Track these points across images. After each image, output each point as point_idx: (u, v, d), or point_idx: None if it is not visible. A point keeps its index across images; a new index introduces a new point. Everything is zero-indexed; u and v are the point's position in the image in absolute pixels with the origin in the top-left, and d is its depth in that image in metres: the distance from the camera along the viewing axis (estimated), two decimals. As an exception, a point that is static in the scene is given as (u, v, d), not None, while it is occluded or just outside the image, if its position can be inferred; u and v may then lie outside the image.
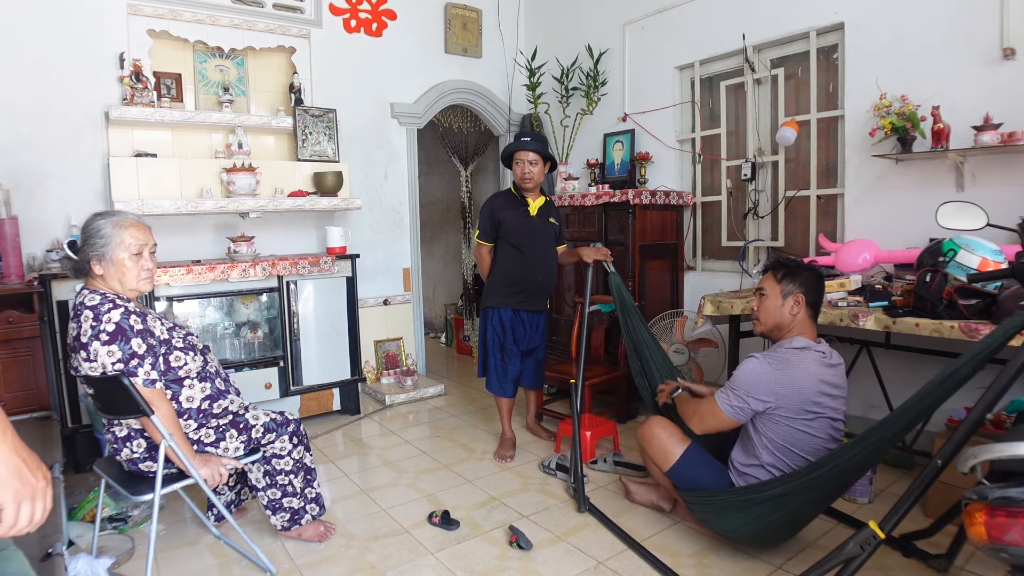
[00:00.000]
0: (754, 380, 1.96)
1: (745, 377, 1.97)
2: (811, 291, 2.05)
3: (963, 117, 2.64)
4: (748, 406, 1.97)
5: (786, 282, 2.06)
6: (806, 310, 2.05)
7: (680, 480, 2.16)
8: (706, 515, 2.11)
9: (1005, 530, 1.20)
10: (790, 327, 2.06)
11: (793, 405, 1.93)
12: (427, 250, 6.39)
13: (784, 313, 2.06)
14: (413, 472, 3.03)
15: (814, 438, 1.96)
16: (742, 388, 1.98)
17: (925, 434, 2.72)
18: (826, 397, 1.95)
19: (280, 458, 2.27)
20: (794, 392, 1.92)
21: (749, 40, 3.54)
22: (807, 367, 1.93)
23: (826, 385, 1.95)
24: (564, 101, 4.64)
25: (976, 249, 2.28)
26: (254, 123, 3.82)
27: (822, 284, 2.10)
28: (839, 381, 2.00)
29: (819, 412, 1.95)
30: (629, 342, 2.62)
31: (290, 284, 3.61)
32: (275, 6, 4.00)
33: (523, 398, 3.61)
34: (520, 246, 3.08)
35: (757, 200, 3.63)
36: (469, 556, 2.25)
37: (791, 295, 2.05)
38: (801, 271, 2.07)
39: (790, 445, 1.96)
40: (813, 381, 1.93)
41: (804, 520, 2.05)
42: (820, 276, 2.10)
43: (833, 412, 1.98)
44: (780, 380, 1.93)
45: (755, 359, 1.99)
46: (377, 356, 4.49)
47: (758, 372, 1.96)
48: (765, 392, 1.94)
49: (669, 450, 2.18)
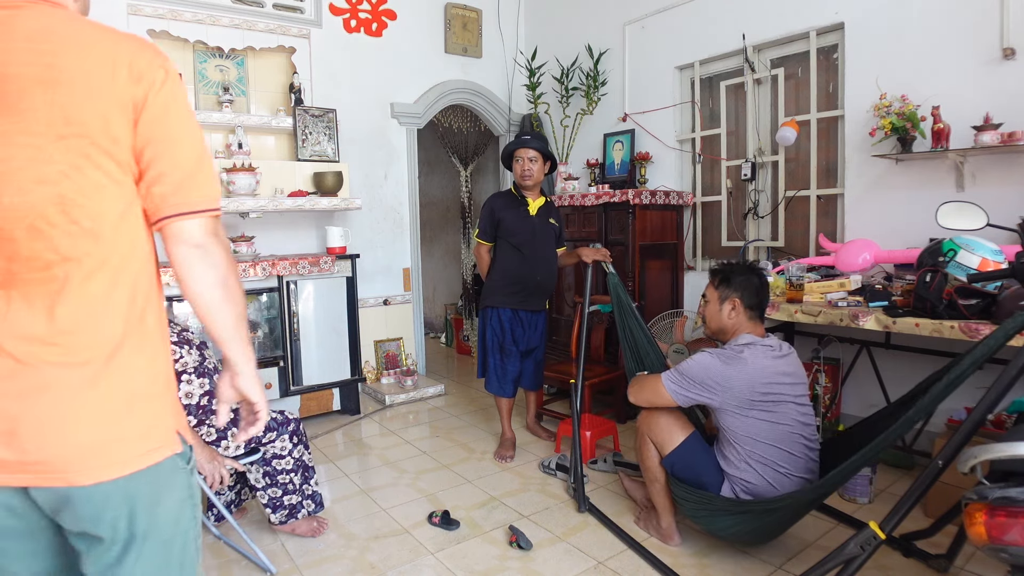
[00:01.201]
0: (702, 371, 2.03)
1: (694, 367, 2.06)
2: (747, 294, 2.12)
3: (963, 117, 2.64)
4: (690, 394, 2.06)
5: (722, 288, 2.15)
6: (745, 312, 2.12)
7: (678, 468, 2.16)
8: (696, 513, 2.13)
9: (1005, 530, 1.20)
10: (733, 330, 2.14)
11: (741, 397, 1.99)
12: (427, 250, 6.39)
13: (723, 317, 2.15)
14: (413, 472, 3.03)
15: (778, 425, 2.01)
16: (688, 376, 2.06)
17: (925, 434, 2.72)
18: (779, 385, 2.01)
19: (281, 458, 2.27)
20: (741, 384, 1.98)
21: (749, 40, 3.54)
22: (755, 361, 2.00)
23: (777, 375, 2.01)
24: (564, 101, 4.65)
25: (976, 249, 2.28)
26: (254, 123, 3.82)
27: (762, 285, 2.14)
28: (791, 369, 2.06)
29: (777, 399, 2.00)
30: (625, 344, 2.62)
31: (290, 284, 3.61)
32: (275, 6, 4.00)
33: (523, 398, 3.61)
34: (519, 246, 3.08)
35: (757, 200, 3.63)
36: (469, 556, 2.25)
37: (727, 300, 2.14)
38: (736, 276, 2.14)
39: (753, 436, 2.02)
40: (761, 373, 1.99)
41: (794, 523, 2.08)
42: (760, 277, 2.15)
43: (794, 398, 2.04)
44: (725, 374, 2.00)
45: (707, 353, 2.07)
46: (377, 356, 4.49)
47: (706, 364, 2.03)
48: (711, 383, 2.01)
49: (672, 433, 2.18)
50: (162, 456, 0.97)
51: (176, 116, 0.96)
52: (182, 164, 0.96)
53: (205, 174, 0.99)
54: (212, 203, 0.98)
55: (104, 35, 0.93)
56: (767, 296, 2.18)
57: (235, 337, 1.02)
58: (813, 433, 2.07)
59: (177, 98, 0.96)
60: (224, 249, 1.00)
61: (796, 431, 2.02)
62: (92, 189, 0.90)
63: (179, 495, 1.00)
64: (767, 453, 2.01)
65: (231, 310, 1.00)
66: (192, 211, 0.96)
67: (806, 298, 2.64)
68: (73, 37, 0.90)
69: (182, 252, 0.96)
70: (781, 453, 2.01)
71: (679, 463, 2.16)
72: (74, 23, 0.93)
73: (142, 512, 0.95)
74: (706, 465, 2.13)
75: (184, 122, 0.97)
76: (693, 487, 2.12)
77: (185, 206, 0.96)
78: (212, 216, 0.98)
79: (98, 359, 0.91)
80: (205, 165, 0.99)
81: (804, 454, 2.03)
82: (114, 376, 0.92)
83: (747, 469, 2.03)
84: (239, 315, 1.02)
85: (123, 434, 0.93)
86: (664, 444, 2.19)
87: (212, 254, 0.97)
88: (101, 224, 0.91)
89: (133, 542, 0.94)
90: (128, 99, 0.90)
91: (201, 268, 0.97)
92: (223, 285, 0.99)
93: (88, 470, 0.90)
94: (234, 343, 1.02)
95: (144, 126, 0.92)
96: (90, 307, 0.91)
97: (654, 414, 2.24)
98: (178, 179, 0.95)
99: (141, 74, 0.91)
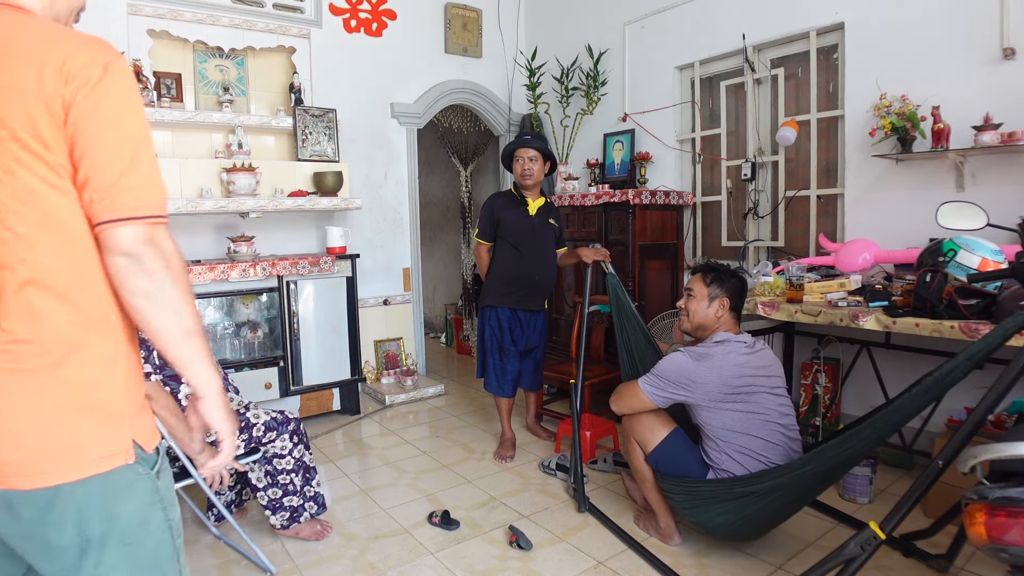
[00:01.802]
0: (675, 369, 2.08)
1: (668, 367, 2.11)
2: (735, 296, 2.20)
3: (963, 117, 2.64)
4: (667, 393, 2.11)
5: (714, 286, 2.20)
6: (730, 312, 2.19)
7: (662, 464, 2.18)
8: (685, 504, 2.14)
9: (1005, 530, 1.20)
10: (714, 327, 2.20)
11: (715, 391, 2.04)
12: (427, 250, 6.39)
13: (709, 315, 2.20)
14: (413, 472, 3.03)
15: (754, 415, 2.05)
16: (663, 376, 2.12)
17: (925, 434, 2.72)
18: (753, 377, 2.06)
19: (281, 458, 2.27)
20: (714, 379, 2.03)
21: (749, 40, 3.54)
22: (727, 357, 2.06)
23: (749, 368, 2.07)
24: (564, 101, 4.64)
25: (976, 249, 2.28)
26: (254, 123, 3.82)
27: (745, 290, 2.26)
28: (764, 362, 2.12)
29: (750, 390, 2.05)
30: (621, 346, 2.63)
31: (290, 284, 3.61)
32: (275, 6, 4.00)
33: (523, 398, 3.61)
34: (518, 245, 3.08)
35: (757, 200, 3.63)
36: (469, 556, 2.25)
37: (717, 299, 2.19)
38: (729, 278, 2.21)
39: (729, 427, 2.05)
40: (732, 367, 2.05)
41: (783, 515, 2.09)
42: (744, 283, 2.25)
43: (770, 389, 2.08)
44: (698, 370, 2.05)
45: (680, 352, 2.12)
46: (377, 356, 4.49)
47: (679, 362, 2.09)
48: (685, 380, 2.06)
49: (654, 430, 2.20)
50: (113, 465, 0.93)
51: (107, 114, 0.89)
52: (110, 166, 0.88)
53: (139, 177, 0.90)
54: (147, 209, 0.90)
55: (43, 36, 0.89)
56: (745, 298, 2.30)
57: (187, 357, 0.95)
58: (792, 423, 2.12)
59: (112, 95, 0.89)
60: (164, 259, 0.91)
61: (773, 419, 2.06)
62: (26, 194, 0.86)
63: (143, 500, 0.97)
64: (745, 443, 2.05)
65: (173, 325, 0.92)
66: (121, 218, 0.88)
67: (806, 298, 2.64)
68: (9, 40, 0.88)
69: (112, 262, 0.90)
70: (759, 442, 2.04)
71: (663, 459, 2.18)
72: (17, 25, 0.90)
73: (94, 517, 0.92)
74: (690, 460, 2.15)
75: (116, 120, 0.90)
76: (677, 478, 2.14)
77: (113, 212, 0.88)
78: (148, 223, 0.90)
79: (44, 368, 0.89)
80: (140, 167, 0.91)
81: (783, 442, 2.07)
82: (61, 385, 0.90)
83: (728, 460, 2.06)
84: (186, 331, 0.94)
85: (70, 442, 0.90)
86: (647, 442, 2.21)
87: (146, 264, 0.90)
88: (37, 230, 0.87)
89: (89, 547, 0.92)
90: (57, 100, 0.86)
91: (132, 280, 0.90)
92: (159, 299, 0.91)
93: (29, 475, 0.88)
94: (188, 364, 0.95)
95: (71, 127, 0.87)
96: (30, 315, 0.88)
97: (636, 414, 2.26)
98: (106, 183, 0.88)
99: (73, 73, 0.87)
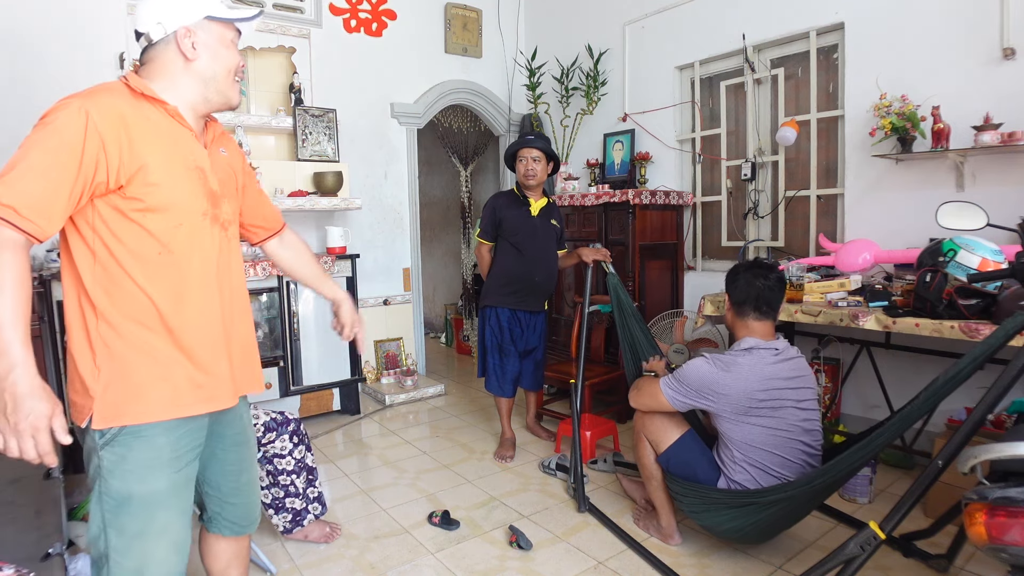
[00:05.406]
0: (699, 378, 2.04)
1: (691, 373, 2.06)
2: (735, 292, 2.13)
3: (963, 117, 2.64)
4: (688, 400, 2.07)
5: (727, 287, 2.18)
6: (733, 310, 2.14)
7: (673, 464, 2.17)
8: (694, 507, 2.13)
9: (1005, 530, 1.20)
10: (735, 327, 2.16)
11: (738, 403, 1.98)
12: (427, 250, 6.39)
13: (727, 317, 2.20)
14: (413, 472, 3.03)
15: (776, 431, 1.99)
16: (686, 382, 2.07)
17: (925, 434, 2.72)
18: (779, 390, 2.00)
19: (282, 458, 2.27)
20: (738, 391, 1.98)
21: (749, 40, 3.54)
22: (753, 368, 1.99)
23: (777, 380, 2.00)
24: (564, 101, 4.64)
25: (976, 249, 2.28)
26: (254, 123, 3.82)
27: (767, 287, 2.05)
28: (795, 373, 2.04)
29: (776, 404, 1.99)
30: (624, 344, 2.63)
31: (290, 284, 3.61)
32: (275, 6, 4.00)
33: (523, 398, 3.61)
34: (519, 245, 3.08)
35: (757, 200, 3.63)
36: (469, 556, 2.25)
37: (725, 298, 2.18)
38: (739, 274, 2.14)
39: (749, 441, 2.01)
40: (758, 379, 1.98)
41: (792, 521, 2.07)
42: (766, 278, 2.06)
43: (796, 402, 2.02)
44: (721, 381, 1.99)
45: (704, 359, 2.07)
46: (377, 356, 4.49)
47: (703, 371, 2.04)
48: (707, 391, 2.02)
49: (667, 431, 2.19)
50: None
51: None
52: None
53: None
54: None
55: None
56: (774, 297, 2.06)
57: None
58: (816, 439, 2.04)
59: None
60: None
61: (795, 436, 2.01)
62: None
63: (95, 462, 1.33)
64: (762, 458, 2.01)
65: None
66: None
67: (806, 298, 2.64)
68: None
69: None
70: (778, 459, 2.00)
71: (674, 460, 2.17)
72: None
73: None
74: (701, 463, 2.13)
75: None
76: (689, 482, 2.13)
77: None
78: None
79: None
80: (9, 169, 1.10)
81: (801, 459, 2.02)
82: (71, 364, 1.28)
83: (741, 471, 2.04)
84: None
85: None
86: (659, 442, 2.20)
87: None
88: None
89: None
90: None
91: None
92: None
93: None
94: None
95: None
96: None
97: (650, 412, 2.25)
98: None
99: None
